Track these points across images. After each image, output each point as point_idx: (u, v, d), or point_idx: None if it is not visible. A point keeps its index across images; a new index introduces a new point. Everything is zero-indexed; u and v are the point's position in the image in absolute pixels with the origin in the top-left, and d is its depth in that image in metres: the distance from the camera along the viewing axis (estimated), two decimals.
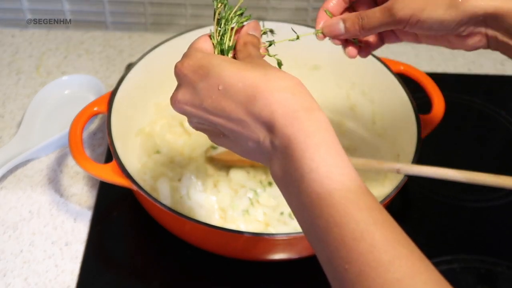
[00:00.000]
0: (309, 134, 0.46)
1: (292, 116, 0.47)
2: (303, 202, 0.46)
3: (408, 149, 0.80)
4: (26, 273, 0.79)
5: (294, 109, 0.47)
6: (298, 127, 0.47)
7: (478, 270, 0.82)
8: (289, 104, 0.47)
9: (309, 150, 0.46)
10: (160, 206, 0.72)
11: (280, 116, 0.47)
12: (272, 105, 0.48)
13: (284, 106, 0.47)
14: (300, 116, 0.47)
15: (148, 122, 0.94)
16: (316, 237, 0.46)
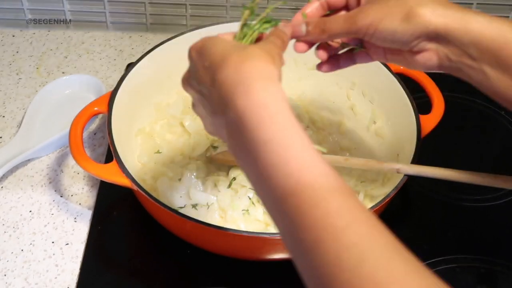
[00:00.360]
0: (266, 104, 0.47)
1: (250, 86, 0.47)
2: (259, 175, 0.46)
3: (408, 149, 0.80)
4: (26, 272, 0.79)
5: (255, 79, 0.48)
6: (254, 97, 0.47)
7: (478, 270, 0.82)
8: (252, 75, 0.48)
9: (264, 121, 0.46)
10: (160, 206, 0.72)
11: (240, 85, 0.48)
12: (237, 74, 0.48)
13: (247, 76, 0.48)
14: (257, 86, 0.47)
15: (148, 122, 0.94)
16: (274, 209, 0.46)
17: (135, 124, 0.91)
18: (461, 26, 0.56)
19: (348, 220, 0.42)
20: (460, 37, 0.56)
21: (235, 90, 0.48)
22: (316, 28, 0.61)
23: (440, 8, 0.56)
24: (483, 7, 1.13)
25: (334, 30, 0.60)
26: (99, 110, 0.83)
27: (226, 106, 0.48)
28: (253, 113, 0.46)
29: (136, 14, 1.14)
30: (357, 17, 0.59)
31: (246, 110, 0.47)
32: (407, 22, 0.57)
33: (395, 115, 0.89)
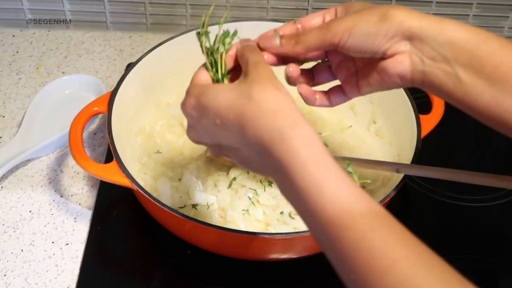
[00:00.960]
0: (295, 153, 0.48)
1: (277, 138, 0.49)
2: (305, 218, 0.50)
3: (408, 149, 0.80)
4: (26, 272, 0.79)
5: (279, 130, 0.49)
6: (284, 149, 0.48)
7: (478, 270, 0.82)
8: (273, 127, 0.49)
9: (297, 169, 0.48)
10: (160, 206, 0.72)
11: (267, 141, 0.49)
12: (258, 133, 0.50)
13: (268, 131, 0.49)
14: (284, 136, 0.49)
15: (148, 122, 0.94)
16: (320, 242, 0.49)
17: (135, 124, 0.91)
18: (436, 27, 0.55)
19: (392, 258, 0.44)
20: (434, 36, 0.55)
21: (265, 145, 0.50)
22: (290, 40, 0.60)
23: (415, 12, 0.56)
24: (483, 7, 1.13)
25: (309, 41, 0.59)
26: (99, 110, 0.83)
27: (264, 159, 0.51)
28: (287, 163, 0.48)
29: (136, 14, 1.14)
30: (331, 25, 0.58)
31: (281, 160, 0.49)
32: (382, 22, 0.56)
33: (395, 115, 0.89)
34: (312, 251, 0.78)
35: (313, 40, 0.59)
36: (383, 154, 0.91)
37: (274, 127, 0.49)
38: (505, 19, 1.15)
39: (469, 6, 1.13)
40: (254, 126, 0.50)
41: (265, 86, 0.52)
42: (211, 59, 0.59)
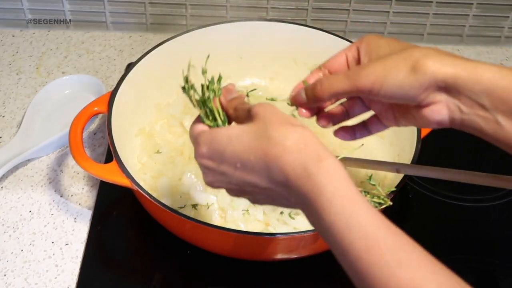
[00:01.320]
0: (321, 189, 0.49)
1: (303, 174, 0.49)
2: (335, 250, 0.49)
3: (408, 149, 0.80)
4: (26, 272, 0.79)
5: (304, 166, 0.49)
6: (310, 185, 0.49)
7: (478, 270, 0.82)
8: (298, 163, 0.50)
9: (324, 205, 0.48)
10: (160, 206, 0.72)
11: (293, 178, 0.50)
12: (284, 170, 0.50)
13: (294, 167, 0.50)
14: (310, 172, 0.49)
15: (148, 122, 0.94)
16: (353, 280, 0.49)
17: (135, 124, 0.91)
18: (471, 75, 0.53)
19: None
20: (471, 86, 0.53)
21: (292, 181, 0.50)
22: (313, 90, 0.60)
23: (448, 58, 0.54)
24: (483, 7, 1.13)
25: (334, 88, 0.58)
26: (99, 110, 0.83)
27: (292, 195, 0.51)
28: (314, 199, 0.49)
29: (136, 14, 1.14)
30: (359, 75, 0.56)
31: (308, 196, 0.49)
32: (414, 74, 0.54)
33: None
34: (312, 251, 0.78)
35: (339, 90, 0.58)
36: (383, 154, 0.91)
37: (299, 163, 0.49)
38: (505, 19, 1.15)
39: (469, 6, 1.13)
40: (279, 164, 0.50)
41: (281, 123, 0.52)
42: (205, 110, 0.58)
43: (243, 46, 0.99)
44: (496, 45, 1.19)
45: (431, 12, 1.14)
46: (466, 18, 1.15)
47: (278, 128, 0.52)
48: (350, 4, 1.12)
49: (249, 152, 0.52)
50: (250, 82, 1.02)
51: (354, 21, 1.15)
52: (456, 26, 1.16)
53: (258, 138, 0.52)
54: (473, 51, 1.18)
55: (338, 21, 1.15)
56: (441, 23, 1.16)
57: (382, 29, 1.16)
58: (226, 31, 0.96)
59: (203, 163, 0.55)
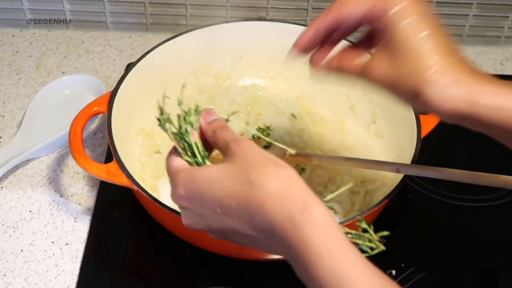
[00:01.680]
0: (308, 242, 0.45)
1: (288, 225, 0.46)
2: None
3: (408, 149, 0.80)
4: (26, 273, 0.79)
5: (289, 216, 0.46)
6: (296, 237, 0.46)
7: (478, 270, 0.82)
8: (282, 212, 0.47)
9: (312, 260, 0.45)
10: (160, 206, 0.72)
11: (278, 227, 0.47)
12: (268, 218, 0.47)
13: (277, 216, 0.47)
14: (295, 222, 0.46)
15: (148, 122, 0.94)
16: None
17: (135, 124, 0.91)
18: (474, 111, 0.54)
19: None
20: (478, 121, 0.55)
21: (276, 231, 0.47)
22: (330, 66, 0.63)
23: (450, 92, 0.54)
24: (483, 7, 1.13)
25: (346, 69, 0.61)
26: (99, 110, 0.83)
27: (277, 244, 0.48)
28: (301, 253, 0.46)
29: (136, 14, 1.14)
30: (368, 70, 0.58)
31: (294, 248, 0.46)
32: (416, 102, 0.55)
33: (395, 115, 0.89)
34: None
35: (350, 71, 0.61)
36: (383, 154, 0.91)
37: (283, 212, 0.46)
38: (505, 19, 1.15)
39: (469, 6, 1.13)
40: (262, 212, 0.47)
41: (264, 166, 0.49)
42: (183, 144, 0.55)
43: (243, 46, 0.99)
44: (496, 45, 1.19)
45: None
46: (466, 18, 1.15)
47: (260, 171, 0.48)
48: None
49: (230, 198, 0.49)
50: (250, 82, 1.02)
51: None
52: (456, 26, 1.16)
53: (239, 182, 0.48)
54: (473, 51, 1.18)
55: None
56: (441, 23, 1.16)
57: None
58: (226, 31, 0.96)
59: (181, 204, 0.53)
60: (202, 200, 0.51)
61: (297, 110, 0.96)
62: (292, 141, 0.91)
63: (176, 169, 0.53)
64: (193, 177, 0.51)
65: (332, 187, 0.86)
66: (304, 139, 0.92)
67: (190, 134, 0.54)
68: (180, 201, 0.53)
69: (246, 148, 0.50)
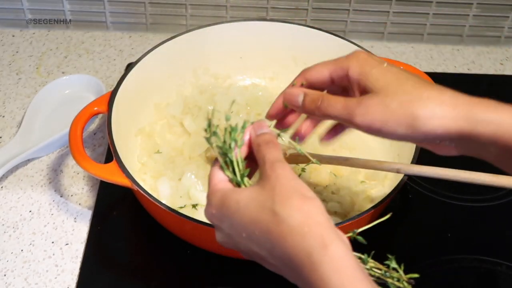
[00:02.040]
0: (325, 281, 0.46)
1: (306, 262, 0.47)
2: None
3: (408, 149, 0.80)
4: (26, 272, 0.79)
5: (308, 253, 0.47)
6: (314, 275, 0.46)
7: (478, 270, 0.82)
8: (301, 249, 0.47)
9: None
10: (160, 206, 0.72)
11: (297, 263, 0.47)
12: (287, 252, 0.48)
13: (297, 252, 0.47)
14: (314, 260, 0.46)
15: (148, 122, 0.94)
16: None
17: (135, 124, 0.91)
18: (473, 129, 0.53)
19: None
20: (475, 139, 0.53)
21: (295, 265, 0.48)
22: (312, 103, 0.60)
23: (449, 111, 0.53)
24: (483, 7, 1.13)
25: (330, 112, 0.58)
26: (99, 110, 0.83)
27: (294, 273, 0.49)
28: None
29: (136, 14, 1.14)
30: (356, 112, 0.56)
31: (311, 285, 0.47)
32: (416, 130, 0.54)
33: None
34: None
35: (334, 115, 0.58)
36: (383, 154, 0.91)
37: (302, 249, 0.47)
38: (505, 19, 1.15)
39: (469, 6, 1.13)
40: (281, 245, 0.48)
41: (289, 197, 0.49)
42: (226, 159, 0.55)
43: (243, 46, 0.99)
44: (496, 45, 1.19)
45: (431, 12, 1.14)
46: (466, 18, 1.15)
47: (284, 202, 0.49)
48: (350, 4, 1.12)
49: (254, 226, 0.50)
50: (250, 82, 1.02)
51: (354, 21, 1.15)
52: (456, 26, 1.16)
53: (263, 210, 0.50)
54: (473, 51, 1.18)
55: (338, 21, 1.15)
56: (441, 23, 1.16)
57: (382, 29, 1.16)
58: (226, 31, 0.96)
59: (213, 222, 0.55)
60: (230, 223, 0.52)
61: None
62: None
63: (214, 186, 0.55)
64: (225, 200, 0.53)
65: (332, 187, 0.86)
66: None
67: (233, 151, 0.55)
68: (212, 219, 0.55)
69: (279, 174, 0.51)
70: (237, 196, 0.52)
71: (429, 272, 0.80)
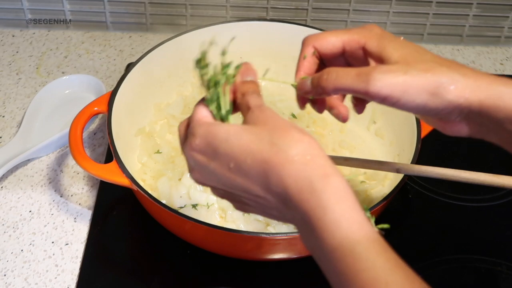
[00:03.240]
0: (327, 208, 0.45)
1: (307, 189, 0.45)
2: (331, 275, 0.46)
3: (408, 149, 0.80)
4: (26, 272, 0.79)
5: (309, 180, 0.45)
6: (314, 203, 0.45)
7: (478, 270, 0.82)
8: (302, 176, 0.46)
9: (329, 227, 0.45)
10: (160, 206, 0.72)
11: (295, 191, 0.46)
12: (285, 181, 0.46)
13: (296, 179, 0.46)
14: (315, 187, 0.45)
15: (148, 122, 0.94)
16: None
17: (135, 124, 0.91)
18: (494, 103, 0.51)
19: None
20: (494, 114, 0.52)
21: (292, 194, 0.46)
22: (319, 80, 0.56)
23: (471, 82, 0.52)
24: (483, 7, 1.13)
25: (342, 83, 0.54)
26: (99, 110, 0.83)
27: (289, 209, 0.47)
28: (317, 218, 0.45)
29: (136, 14, 1.14)
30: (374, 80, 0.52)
31: (309, 213, 0.45)
32: (436, 98, 0.52)
33: (395, 115, 0.89)
34: None
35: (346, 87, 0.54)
36: (383, 154, 0.91)
37: (303, 176, 0.46)
38: (505, 19, 1.15)
39: (469, 6, 1.13)
40: (279, 173, 0.46)
41: (287, 130, 0.48)
42: (213, 93, 0.53)
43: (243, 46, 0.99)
44: (496, 45, 1.19)
45: (431, 12, 1.14)
46: (466, 18, 1.15)
47: (283, 134, 0.47)
48: (350, 4, 1.12)
49: (246, 154, 0.47)
50: None
51: (354, 21, 1.15)
52: (456, 26, 1.16)
53: (259, 141, 0.47)
54: (473, 51, 1.18)
55: (338, 21, 1.15)
56: (441, 23, 1.16)
57: None
58: (226, 31, 0.96)
59: (193, 156, 0.51)
60: (216, 153, 0.49)
61: (297, 110, 0.96)
62: None
63: (199, 119, 0.52)
64: (213, 131, 0.50)
65: None
66: None
67: (221, 86, 0.53)
68: (193, 152, 0.51)
69: (270, 115, 0.49)
70: (227, 127, 0.49)
71: (429, 272, 0.80)
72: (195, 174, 0.53)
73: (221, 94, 0.53)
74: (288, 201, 0.47)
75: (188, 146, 0.52)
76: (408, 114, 0.84)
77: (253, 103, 0.51)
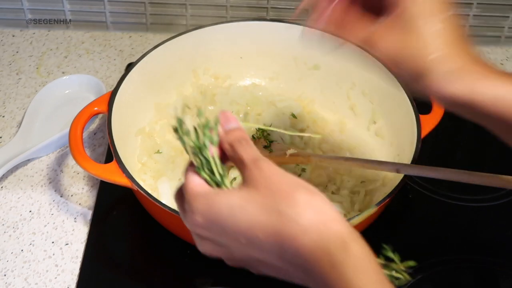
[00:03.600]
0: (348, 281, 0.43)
1: (327, 263, 0.43)
2: None
3: (408, 149, 0.80)
4: (26, 273, 0.79)
5: (327, 253, 0.43)
6: (336, 277, 0.43)
7: (478, 270, 0.82)
8: (319, 248, 0.43)
9: None
10: (160, 206, 0.72)
11: (315, 264, 0.44)
12: (302, 253, 0.44)
13: (314, 252, 0.43)
14: (335, 261, 0.43)
15: (148, 122, 0.94)
16: None
17: (135, 124, 0.91)
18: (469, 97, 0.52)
19: None
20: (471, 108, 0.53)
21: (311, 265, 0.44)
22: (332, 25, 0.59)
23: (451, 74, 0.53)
24: (483, 7, 1.13)
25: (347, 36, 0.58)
26: (99, 110, 0.83)
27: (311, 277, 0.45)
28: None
29: (136, 14, 1.14)
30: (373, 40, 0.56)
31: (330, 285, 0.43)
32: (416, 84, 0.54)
33: (395, 115, 0.89)
34: None
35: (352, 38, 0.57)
36: (383, 154, 0.91)
37: (321, 249, 0.43)
38: (505, 19, 1.15)
39: (469, 6, 1.13)
40: (294, 247, 0.44)
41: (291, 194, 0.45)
42: (201, 159, 0.49)
43: (243, 46, 0.99)
44: (496, 45, 1.19)
45: None
46: (466, 18, 1.15)
47: (289, 200, 0.44)
48: None
49: (256, 229, 0.45)
50: (250, 82, 1.02)
51: None
52: None
53: (266, 212, 0.44)
54: None
55: None
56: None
57: None
58: (226, 31, 0.96)
59: (198, 232, 0.49)
60: (222, 230, 0.47)
61: (297, 110, 0.96)
62: (292, 141, 0.91)
63: (193, 191, 0.49)
64: (212, 205, 0.47)
65: (332, 187, 0.86)
66: (304, 139, 0.92)
67: (208, 149, 0.49)
68: (197, 229, 0.49)
69: (268, 172, 0.46)
70: (227, 199, 0.47)
71: (429, 272, 0.80)
72: (203, 247, 0.51)
73: (210, 159, 0.49)
74: (308, 271, 0.44)
75: (189, 222, 0.50)
76: (408, 114, 0.84)
77: (246, 156, 0.48)
